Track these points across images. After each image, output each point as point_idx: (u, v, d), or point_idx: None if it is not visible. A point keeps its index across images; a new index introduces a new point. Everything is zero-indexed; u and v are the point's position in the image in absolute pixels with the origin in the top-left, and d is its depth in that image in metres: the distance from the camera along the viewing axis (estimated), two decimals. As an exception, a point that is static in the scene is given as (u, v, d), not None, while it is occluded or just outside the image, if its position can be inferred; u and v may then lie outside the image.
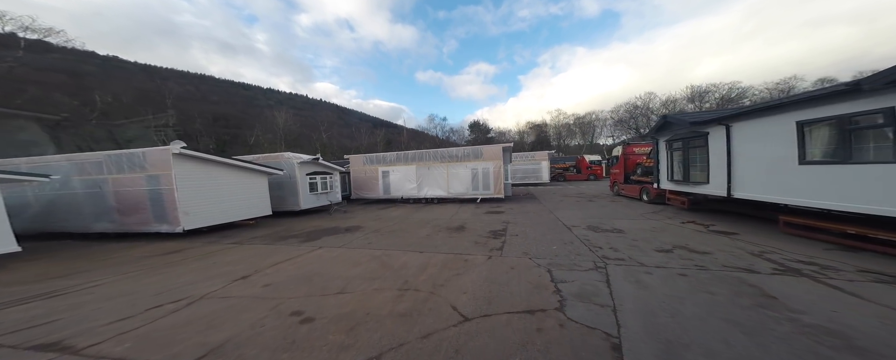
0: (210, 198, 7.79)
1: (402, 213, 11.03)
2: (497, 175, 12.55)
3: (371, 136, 49.80)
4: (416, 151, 13.81)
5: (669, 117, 7.79)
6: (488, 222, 8.40)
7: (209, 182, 7.81)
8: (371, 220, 9.70)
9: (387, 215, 10.69)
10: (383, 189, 14.32)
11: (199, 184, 7.53)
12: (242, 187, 8.70)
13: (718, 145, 6.05)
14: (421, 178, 13.60)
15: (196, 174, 7.43)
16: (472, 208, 11.31)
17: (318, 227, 8.74)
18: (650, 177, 10.87)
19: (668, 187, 8.29)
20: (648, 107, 40.45)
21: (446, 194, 13.35)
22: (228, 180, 8.32)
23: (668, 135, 7.93)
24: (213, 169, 7.93)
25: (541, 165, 23.39)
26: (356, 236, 7.27)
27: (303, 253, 5.85)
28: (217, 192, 7.96)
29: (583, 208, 10.22)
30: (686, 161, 7.22)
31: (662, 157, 8.33)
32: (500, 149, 12.48)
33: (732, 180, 5.67)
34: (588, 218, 8.09)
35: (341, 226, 8.76)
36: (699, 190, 6.89)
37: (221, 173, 8.15)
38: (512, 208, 11.02)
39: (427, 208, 12.08)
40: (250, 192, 8.98)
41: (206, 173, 7.74)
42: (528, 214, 9.45)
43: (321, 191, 11.73)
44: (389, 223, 8.83)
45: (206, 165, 7.74)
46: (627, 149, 12.84)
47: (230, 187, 8.35)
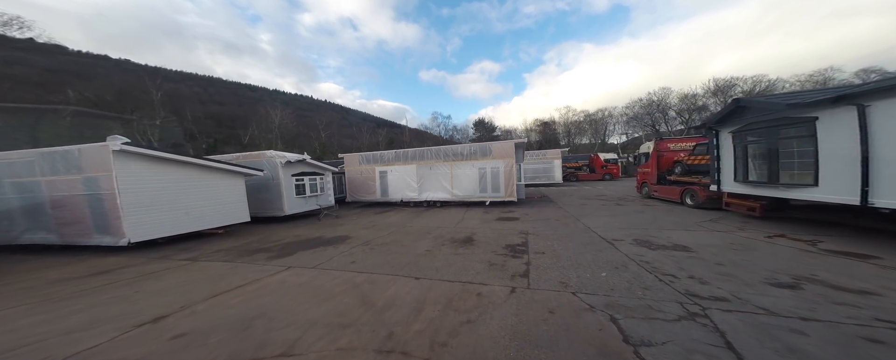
0: (167, 204, 6.48)
1: (400, 218, 9.57)
2: (508, 175, 10.98)
3: (373, 135, 48.72)
4: (416, 149, 12.37)
5: (745, 101, 6.01)
6: (502, 231, 6.85)
7: (166, 185, 6.50)
8: (363, 228, 8.26)
9: (382, 221, 9.24)
10: (381, 191, 12.90)
11: (153, 187, 6.22)
12: (212, 191, 7.38)
13: (837, 134, 4.33)
14: (422, 178, 12.14)
15: (147, 176, 6.13)
16: (480, 213, 9.77)
17: (299, 237, 7.34)
18: (693, 177, 9.12)
19: (734, 190, 6.54)
20: (666, 102, 38.17)
21: (450, 197, 11.84)
22: (193, 182, 7.02)
23: (736, 125, 6.20)
24: (171, 170, 6.62)
25: (553, 164, 21.67)
26: (339, 250, 5.83)
27: (262, 277, 4.43)
28: (177, 197, 6.65)
29: (614, 213, 8.55)
30: (770, 157, 5.49)
31: (726, 152, 6.60)
32: (512, 146, 10.93)
33: (873, 183, 3.93)
34: (628, 228, 6.45)
35: (326, 236, 7.35)
36: (797, 195, 5.09)
37: (184, 175, 6.85)
38: (527, 213, 9.42)
39: (429, 212, 10.59)
40: (222, 196, 7.66)
41: (162, 175, 6.44)
42: (549, 221, 7.85)
43: (310, 194, 10.39)
44: (383, 233, 7.37)
45: (160, 166, 6.44)
46: (660, 145, 11.10)
47: (195, 190, 7.04)
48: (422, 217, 9.66)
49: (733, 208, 6.95)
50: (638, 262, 4.29)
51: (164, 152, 6.47)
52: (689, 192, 8.79)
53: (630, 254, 4.67)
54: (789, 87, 30.92)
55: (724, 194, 7.10)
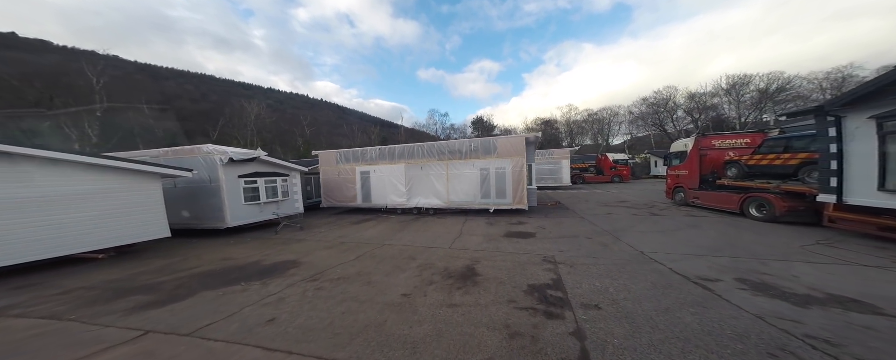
0: (12, 217, 4.26)
1: (379, 232, 7.40)
2: (517, 177, 8.88)
3: (366, 134, 46.31)
4: (404, 146, 10.20)
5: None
6: (517, 257, 4.74)
7: (13, 190, 4.29)
8: (326, 246, 6.09)
9: (356, 235, 7.06)
10: (362, 196, 10.70)
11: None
12: (100, 199, 5.15)
13: None
14: (412, 181, 9.98)
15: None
16: (483, 226, 7.64)
17: (227, 262, 5.14)
18: (757, 182, 7.08)
19: (873, 203, 4.29)
20: (674, 100, 36.54)
21: (445, 204, 9.69)
22: (67, 186, 4.80)
23: (883, 106, 4.02)
24: (23, 168, 4.41)
25: (561, 164, 19.67)
26: (267, 291, 3.68)
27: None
28: (28, 207, 4.42)
29: (659, 227, 6.46)
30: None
31: (859, 148, 4.40)
32: (522, 141, 8.84)
33: None
34: (702, 254, 4.36)
35: (266, 261, 5.15)
36: None
37: (49, 176, 4.62)
38: (543, 226, 7.31)
39: (418, 223, 8.43)
40: (120, 204, 5.42)
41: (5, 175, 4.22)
42: (578, 239, 5.74)
43: (267, 199, 8.16)
44: (349, 257, 5.21)
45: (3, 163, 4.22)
46: (703, 142, 9.10)
47: (71, 197, 4.81)
48: (408, 230, 7.50)
49: (844, 225, 4.89)
50: (797, 337, 2.19)
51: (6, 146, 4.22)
52: (755, 200, 6.74)
53: (762, 314, 2.59)
54: (806, 85, 29.47)
55: (827, 206, 5.03)
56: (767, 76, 30.67)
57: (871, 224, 4.45)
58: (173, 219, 6.47)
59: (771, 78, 30.46)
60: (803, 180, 5.82)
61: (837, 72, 28.54)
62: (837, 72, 28.54)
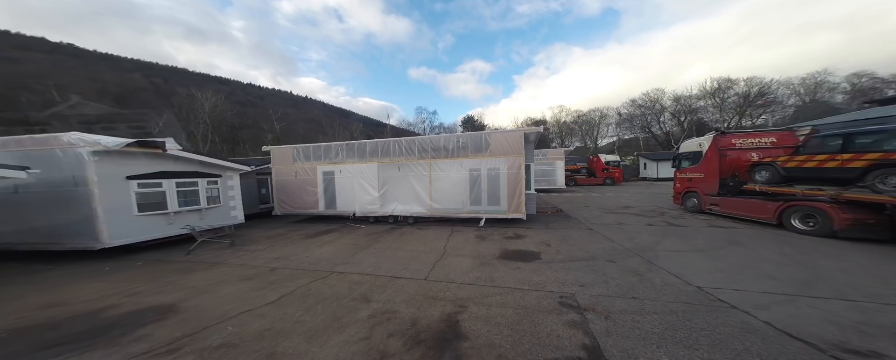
0: None
1: (335, 251, 5.62)
2: (513, 181, 7.37)
3: (348, 131, 43.58)
4: (378, 141, 8.40)
5: None
6: (520, 298, 3.19)
7: None
8: (238, 278, 4.24)
9: (299, 258, 5.23)
10: (325, 201, 8.80)
11: None
12: None
13: None
14: (387, 183, 8.22)
15: None
16: (473, 241, 6.05)
17: (44, 313, 3.18)
18: (798, 188, 5.95)
19: None
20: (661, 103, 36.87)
21: (427, 211, 8.01)
22: None
23: None
24: None
25: (555, 166, 18.53)
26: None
27: None
28: None
29: (695, 246, 5.12)
30: None
31: None
32: (520, 137, 7.34)
33: None
34: (796, 292, 2.92)
35: (118, 308, 3.27)
36: None
37: None
38: (548, 242, 5.80)
39: (392, 236, 6.70)
40: None
41: None
42: (599, 264, 4.24)
43: (180, 208, 6.08)
44: (266, 297, 3.44)
45: None
46: (722, 141, 8.00)
47: None
48: (376, 247, 5.76)
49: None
50: None
51: None
52: (799, 210, 5.57)
53: None
54: (781, 89, 30.56)
55: None
56: (749, 81, 31.46)
57: None
58: (15, 237, 4.38)
59: (752, 83, 31.24)
60: (873, 186, 4.67)
61: (812, 77, 29.79)
62: (812, 77, 29.79)
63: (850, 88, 28.96)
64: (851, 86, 29.00)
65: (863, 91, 28.05)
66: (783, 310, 2.72)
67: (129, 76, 71.50)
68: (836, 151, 5.31)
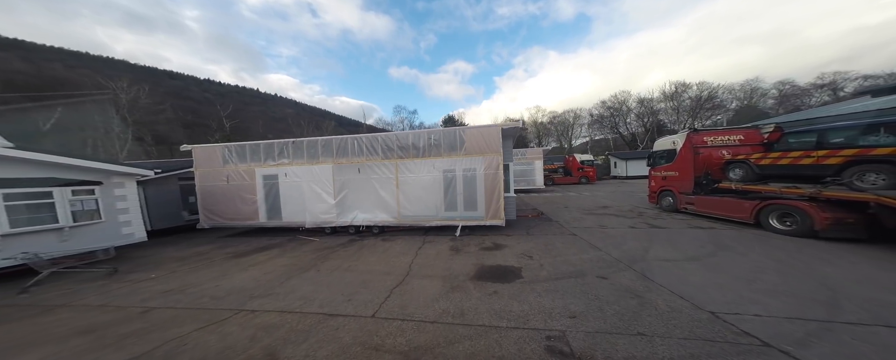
0: None
1: (262, 275, 4.32)
2: (491, 183, 6.59)
3: (319, 130, 40.52)
4: (332, 138, 7.10)
5: None
6: (495, 341, 2.28)
7: None
8: (80, 331, 2.84)
9: (208, 288, 3.86)
10: (267, 210, 7.32)
11: None
12: None
13: None
14: (345, 188, 6.99)
15: None
16: (445, 255, 5.11)
17: None
18: (776, 186, 5.86)
19: None
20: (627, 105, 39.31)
21: (394, 220, 6.94)
22: None
23: None
24: None
25: (534, 165, 18.36)
26: None
27: None
28: None
29: (686, 253, 4.68)
30: None
31: None
32: (498, 133, 6.58)
33: None
34: (829, 319, 2.38)
35: None
36: None
37: None
38: (529, 253, 5.06)
39: (347, 252, 5.51)
40: None
41: None
42: (589, 283, 3.53)
43: (20, 230, 4.30)
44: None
45: None
46: (695, 139, 7.97)
47: None
48: (318, 271, 4.56)
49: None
50: None
51: None
52: (777, 209, 5.44)
53: None
54: (725, 94, 34.32)
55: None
56: (700, 85, 34.73)
57: None
58: None
59: (703, 87, 34.52)
60: (850, 184, 4.57)
61: (748, 84, 33.95)
62: (748, 84, 33.95)
63: (777, 94, 33.47)
64: (778, 92, 33.51)
65: (787, 97, 32.64)
66: (828, 347, 2.14)
67: (48, 66, 60.55)
68: (811, 147, 5.24)
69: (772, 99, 33.63)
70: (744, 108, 33.22)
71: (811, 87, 32.00)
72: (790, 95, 32.83)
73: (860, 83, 29.39)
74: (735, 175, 6.74)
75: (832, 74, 31.02)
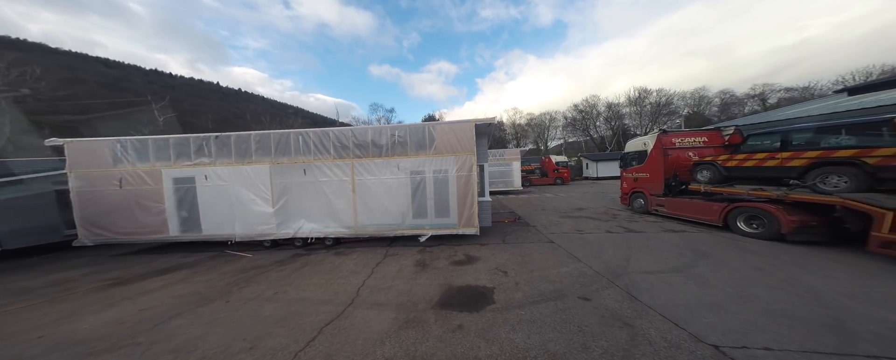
0: None
1: (134, 313, 3.04)
2: (464, 186, 5.89)
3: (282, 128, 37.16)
4: (270, 134, 5.89)
5: None
6: None
7: None
8: None
9: (26, 340, 2.58)
10: (180, 221, 5.90)
11: None
12: None
13: None
14: (287, 193, 5.84)
15: None
16: (408, 272, 4.27)
17: None
18: (742, 188, 5.90)
19: None
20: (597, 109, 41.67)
21: (349, 231, 5.92)
22: None
23: None
24: None
25: (512, 166, 18.20)
26: None
27: None
28: None
29: (669, 263, 4.36)
30: None
31: None
32: (471, 130, 5.90)
33: None
34: (835, 351, 2.00)
35: None
36: None
37: None
38: (504, 267, 4.42)
39: (280, 273, 4.40)
40: None
41: None
42: (570, 305, 2.92)
43: None
44: None
45: None
46: (665, 140, 8.04)
47: None
48: (226, 302, 3.42)
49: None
50: None
51: None
52: (744, 211, 5.44)
53: None
54: (678, 100, 38.19)
55: (881, 224, 3.60)
56: (660, 92, 38.07)
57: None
58: None
59: (662, 93, 37.86)
60: (814, 186, 4.59)
61: (696, 92, 38.13)
62: (696, 92, 38.13)
63: (719, 102, 38.01)
64: (720, 100, 38.08)
65: (727, 104, 37.27)
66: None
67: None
68: (775, 149, 5.30)
69: (715, 106, 37.98)
70: (693, 114, 37.07)
71: (745, 97, 36.88)
72: (730, 103, 37.53)
73: (782, 95, 34.46)
74: (703, 177, 6.80)
75: (761, 86, 36.24)
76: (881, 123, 4.01)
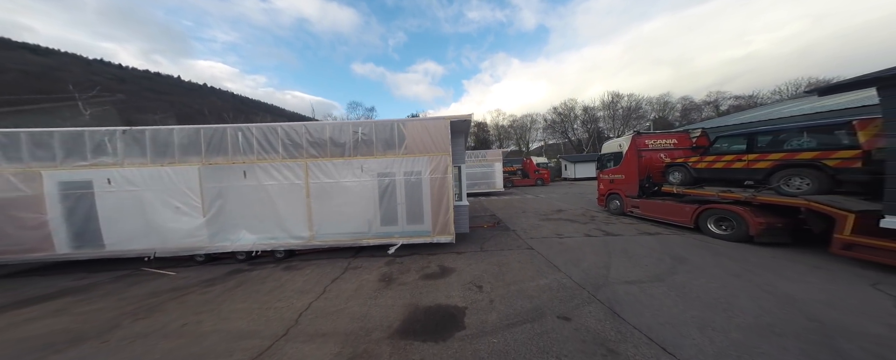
0: None
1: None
2: (439, 189, 5.39)
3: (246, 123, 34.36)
4: (198, 128, 4.86)
5: None
6: None
7: None
8: None
9: None
10: (72, 235, 4.70)
11: None
12: None
13: None
14: (221, 198, 4.92)
15: None
16: (368, 290, 3.63)
17: None
18: (713, 190, 5.99)
19: None
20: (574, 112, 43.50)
21: (302, 242, 5.13)
22: None
23: None
24: None
25: (493, 167, 18.03)
26: None
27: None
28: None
29: (648, 270, 4.16)
30: None
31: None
32: (446, 127, 5.40)
33: None
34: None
35: None
36: None
37: None
38: (479, 281, 3.97)
39: (206, 296, 3.54)
40: None
41: None
42: (548, 327, 2.51)
43: None
44: None
45: None
46: (639, 141, 8.15)
47: None
48: (104, 344, 2.56)
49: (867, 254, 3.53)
50: None
51: None
52: (714, 213, 5.50)
53: None
54: (646, 105, 41.07)
55: (842, 226, 3.63)
56: (630, 97, 40.64)
57: None
58: None
59: (632, 98, 40.44)
60: (778, 188, 4.68)
61: (661, 98, 41.27)
62: (661, 98, 41.27)
63: (681, 107, 41.58)
64: (682, 106, 41.63)
65: (687, 110, 40.80)
66: None
67: None
68: (742, 151, 5.41)
69: (678, 111, 41.39)
70: (659, 118, 40.08)
71: (702, 103, 40.62)
72: (689, 108, 41.09)
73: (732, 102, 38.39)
74: (674, 179, 6.91)
75: (715, 93, 40.29)
76: (840, 126, 4.15)
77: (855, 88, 3.23)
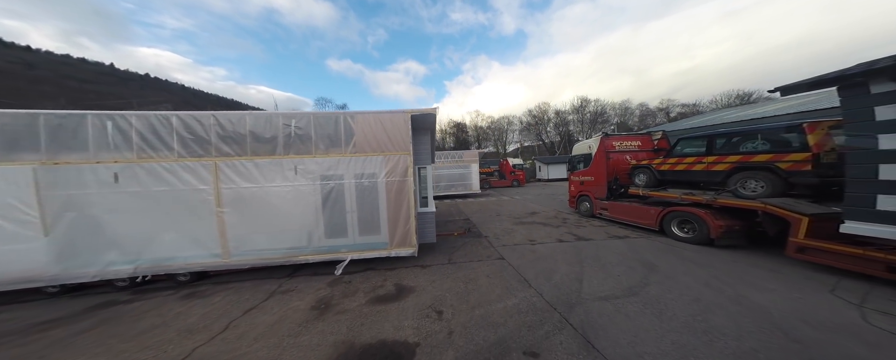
0: None
1: None
2: (397, 194, 4.65)
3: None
4: (37, 114, 3.51)
5: None
6: None
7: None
8: None
9: None
10: None
11: None
12: None
13: None
14: (72, 209, 3.60)
15: None
16: (287, 327, 2.69)
17: None
18: (676, 193, 6.04)
19: None
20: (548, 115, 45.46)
21: (213, 261, 4.03)
22: None
23: None
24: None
25: (470, 168, 17.62)
26: None
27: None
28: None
29: (621, 282, 3.86)
30: None
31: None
32: (406, 121, 4.67)
33: None
34: None
35: None
36: None
37: None
38: (440, 304, 3.31)
39: (28, 348, 2.49)
40: None
41: None
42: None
43: None
44: None
45: None
46: (607, 143, 8.19)
47: None
48: None
49: (820, 258, 3.55)
50: None
51: None
52: (677, 216, 5.51)
53: None
54: (610, 110, 44.21)
55: (797, 230, 3.64)
56: (597, 102, 43.54)
57: (876, 260, 3.10)
58: None
59: (599, 103, 43.35)
60: (735, 191, 4.75)
61: (622, 104, 44.88)
62: (622, 104, 44.88)
63: (639, 113, 45.67)
64: (639, 111, 45.76)
65: (644, 115, 44.95)
66: None
67: None
68: (701, 153, 5.49)
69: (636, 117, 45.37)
70: (620, 123, 43.60)
71: (656, 109, 45.09)
72: (646, 114, 45.33)
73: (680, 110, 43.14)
74: (640, 180, 6.97)
75: (667, 101, 45.06)
76: (792, 129, 4.27)
77: (816, 88, 3.21)
